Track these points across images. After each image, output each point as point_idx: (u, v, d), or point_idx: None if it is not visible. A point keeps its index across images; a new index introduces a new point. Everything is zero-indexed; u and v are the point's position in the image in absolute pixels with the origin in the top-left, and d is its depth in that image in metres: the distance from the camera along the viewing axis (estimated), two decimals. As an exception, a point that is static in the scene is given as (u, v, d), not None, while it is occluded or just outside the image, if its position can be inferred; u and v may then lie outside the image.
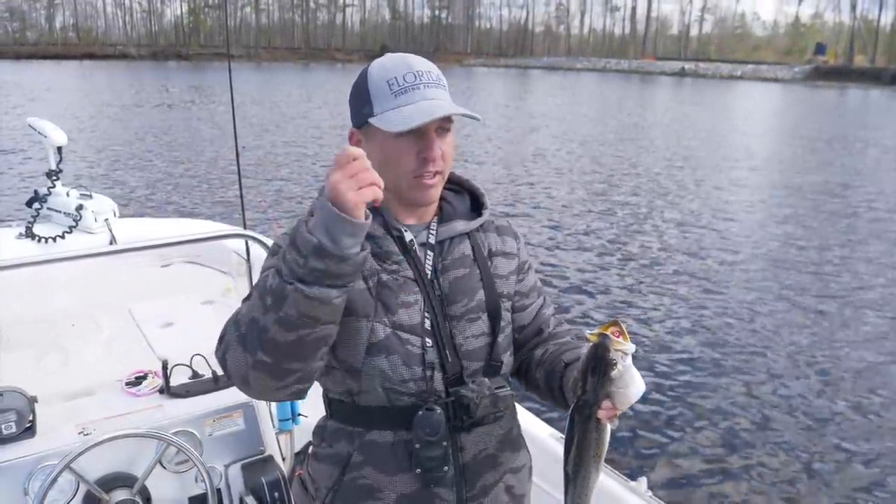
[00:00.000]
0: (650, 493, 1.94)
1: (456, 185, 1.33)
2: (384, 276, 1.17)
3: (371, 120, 1.15)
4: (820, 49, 74.59)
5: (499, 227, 1.34)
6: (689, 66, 70.83)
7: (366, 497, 1.20)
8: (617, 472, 2.02)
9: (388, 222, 1.21)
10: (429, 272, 1.20)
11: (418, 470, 1.16)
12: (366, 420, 1.20)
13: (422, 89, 1.14)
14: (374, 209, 1.20)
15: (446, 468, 1.17)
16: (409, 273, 1.18)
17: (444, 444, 1.16)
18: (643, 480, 1.97)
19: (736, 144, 18.48)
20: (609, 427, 1.06)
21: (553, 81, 52.20)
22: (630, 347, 1.02)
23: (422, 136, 1.14)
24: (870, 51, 75.12)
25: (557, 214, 10.09)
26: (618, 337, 1.01)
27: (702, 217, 10.15)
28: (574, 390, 1.06)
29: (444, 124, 1.16)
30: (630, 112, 27.57)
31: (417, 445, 1.15)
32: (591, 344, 1.03)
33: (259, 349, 1.02)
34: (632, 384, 1.02)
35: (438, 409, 1.15)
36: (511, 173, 13.19)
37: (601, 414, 1.03)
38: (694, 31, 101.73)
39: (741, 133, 21.61)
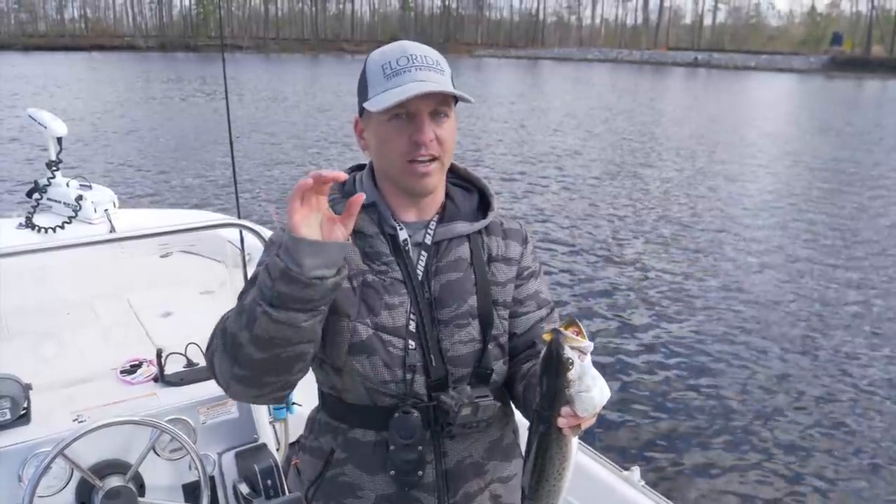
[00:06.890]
0: (643, 483, 1.93)
1: (466, 181, 1.28)
2: (370, 277, 1.15)
3: (364, 104, 1.14)
4: (837, 39, 73.12)
5: (506, 231, 1.26)
6: (702, 56, 69.89)
7: (346, 495, 1.19)
8: (610, 461, 2.02)
9: (383, 220, 1.18)
10: (420, 274, 1.17)
11: (392, 472, 1.16)
12: (350, 417, 1.19)
13: (413, 71, 1.10)
14: (370, 206, 1.18)
15: (420, 473, 1.16)
16: (398, 274, 1.16)
17: (420, 448, 1.15)
18: (636, 470, 1.97)
19: (750, 136, 18.27)
20: (573, 439, 0.97)
21: (564, 72, 51.78)
22: (588, 346, 0.94)
23: (412, 119, 1.11)
24: (888, 41, 73.64)
25: (570, 210, 10.04)
26: (576, 336, 0.94)
27: (714, 211, 10.06)
28: (533, 398, 0.99)
29: (440, 108, 1.12)
30: (642, 103, 27.31)
31: (392, 447, 1.15)
32: (545, 344, 0.95)
33: (235, 363, 1.05)
34: (593, 387, 0.93)
35: (415, 413, 1.14)
36: (522, 164, 13.13)
37: (561, 422, 0.95)
38: (707, 21, 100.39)
39: (755, 124, 21.35)
